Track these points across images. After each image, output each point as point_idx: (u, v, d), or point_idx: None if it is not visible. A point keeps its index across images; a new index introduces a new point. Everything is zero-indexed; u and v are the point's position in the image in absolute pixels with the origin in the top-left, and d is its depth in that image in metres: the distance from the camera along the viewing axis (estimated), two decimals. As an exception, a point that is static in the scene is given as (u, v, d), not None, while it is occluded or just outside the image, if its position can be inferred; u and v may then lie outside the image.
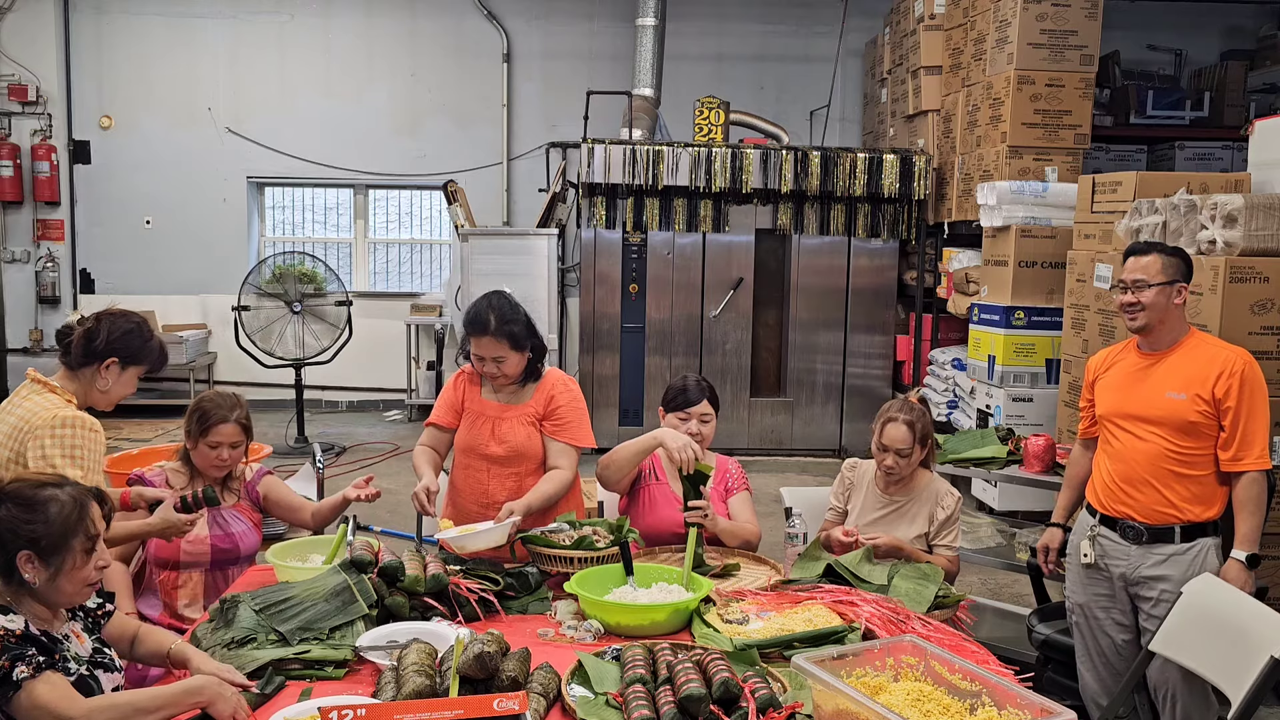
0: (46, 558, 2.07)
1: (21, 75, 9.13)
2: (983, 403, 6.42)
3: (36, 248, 9.37)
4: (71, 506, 2.10)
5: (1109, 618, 3.26)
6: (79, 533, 2.09)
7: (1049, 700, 2.04)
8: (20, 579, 2.06)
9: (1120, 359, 3.29)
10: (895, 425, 3.21)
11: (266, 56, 9.43)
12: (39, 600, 2.11)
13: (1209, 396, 3.02)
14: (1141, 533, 3.13)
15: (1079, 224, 5.45)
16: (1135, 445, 3.14)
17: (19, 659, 1.97)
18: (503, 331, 3.17)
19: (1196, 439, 3.06)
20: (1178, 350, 3.14)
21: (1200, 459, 3.07)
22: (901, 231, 7.96)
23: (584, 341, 7.99)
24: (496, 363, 3.21)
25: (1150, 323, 3.12)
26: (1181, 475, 3.08)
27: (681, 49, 9.19)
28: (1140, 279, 3.10)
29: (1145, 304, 3.09)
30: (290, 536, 3.62)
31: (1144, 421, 3.13)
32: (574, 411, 3.33)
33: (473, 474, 3.30)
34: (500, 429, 3.28)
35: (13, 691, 1.95)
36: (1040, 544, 3.50)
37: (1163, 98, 8.53)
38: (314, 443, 6.95)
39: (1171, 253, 3.15)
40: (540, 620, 2.70)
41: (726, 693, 2.04)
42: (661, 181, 7.62)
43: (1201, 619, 2.82)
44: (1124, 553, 3.17)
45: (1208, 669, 2.75)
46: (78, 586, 2.13)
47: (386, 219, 10.12)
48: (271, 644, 2.41)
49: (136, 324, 3.00)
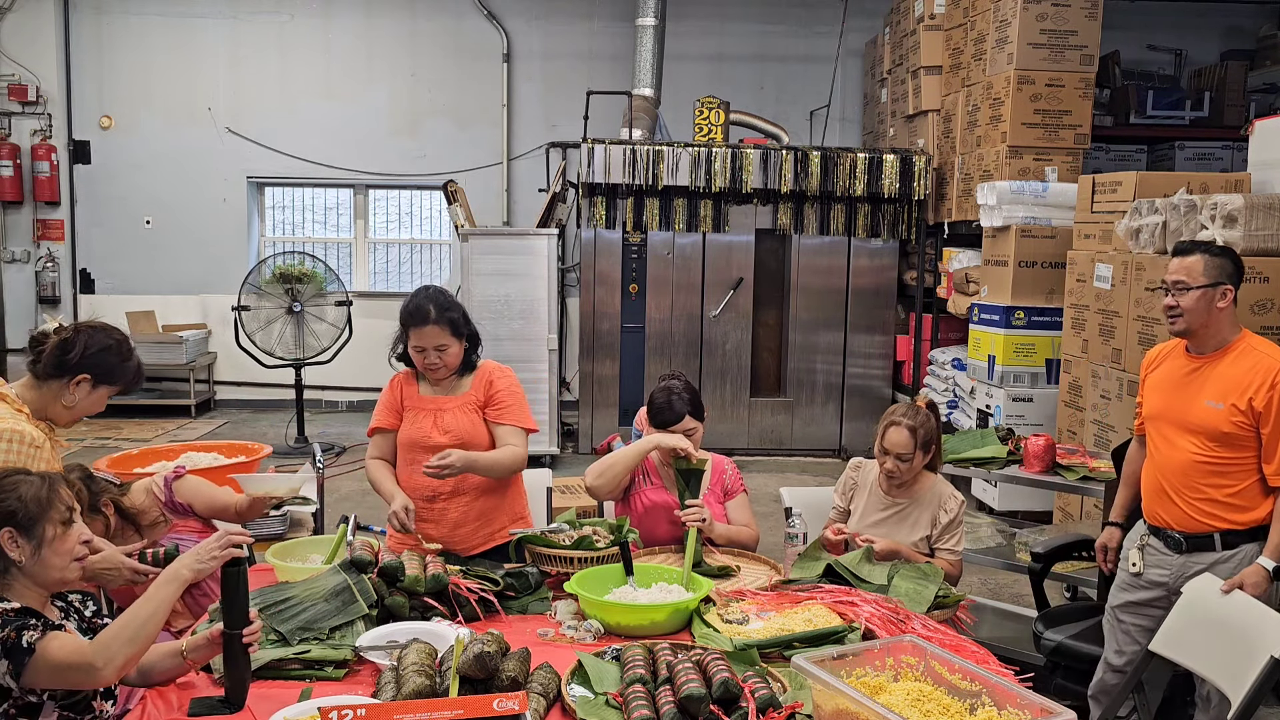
0: (26, 531, 2.12)
1: (21, 75, 9.13)
2: (983, 403, 6.43)
3: (36, 248, 9.38)
4: (41, 483, 2.17)
5: (1137, 625, 3.20)
6: (54, 504, 2.16)
7: (1049, 700, 2.04)
8: (7, 560, 2.11)
9: (1169, 359, 3.18)
10: (898, 429, 3.21)
11: (266, 56, 9.43)
12: (30, 581, 2.15)
13: (1245, 407, 2.90)
14: (1180, 542, 3.06)
15: (1079, 224, 5.46)
16: (1169, 454, 3.06)
17: (23, 627, 2.01)
18: (444, 319, 3.16)
19: (1233, 449, 2.95)
20: (1225, 356, 2.99)
21: (1237, 469, 2.96)
22: (901, 231, 7.96)
23: (584, 341, 7.99)
24: (438, 352, 3.19)
25: (1191, 327, 2.99)
26: (1216, 485, 2.98)
27: (681, 49, 9.19)
28: (1181, 281, 2.96)
29: (1185, 308, 2.96)
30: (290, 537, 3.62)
31: (1180, 429, 3.03)
32: (513, 396, 3.32)
33: (418, 468, 3.23)
34: (443, 419, 3.25)
35: (27, 657, 1.99)
36: (1099, 544, 3.41)
37: (1163, 98, 8.53)
38: (314, 443, 6.94)
39: (1218, 253, 3.00)
40: (540, 620, 2.70)
41: (726, 693, 2.04)
42: (661, 181, 7.62)
43: (1202, 619, 2.81)
44: (1168, 562, 3.10)
45: (1208, 669, 2.75)
46: (64, 560, 2.17)
47: (386, 219, 10.12)
48: (271, 644, 2.41)
49: (116, 341, 2.83)
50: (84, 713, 2.14)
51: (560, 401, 8.10)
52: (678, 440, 3.23)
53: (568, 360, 9.11)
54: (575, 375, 8.69)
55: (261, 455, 4.60)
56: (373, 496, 3.56)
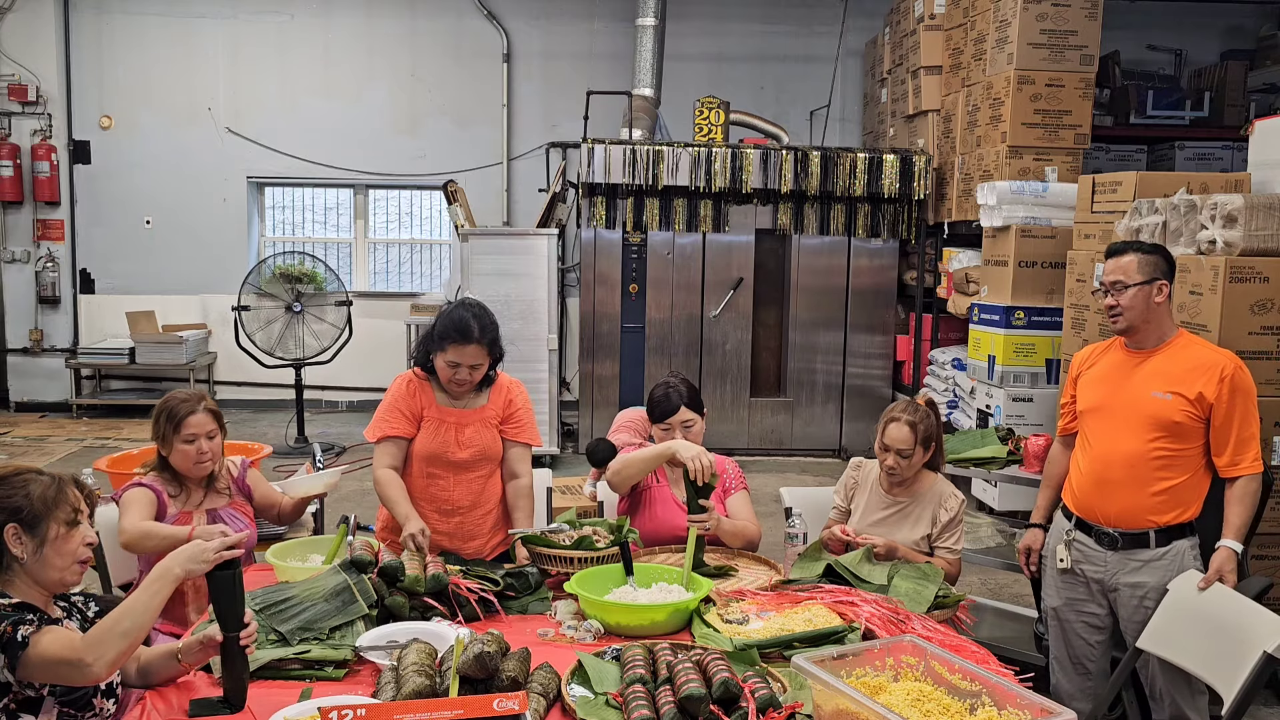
0: (30, 528, 2.13)
1: (21, 75, 9.12)
2: (983, 403, 6.43)
3: (36, 248, 9.37)
4: (50, 482, 2.18)
5: (1081, 620, 3.23)
6: (60, 504, 2.16)
7: (1049, 700, 2.04)
8: (9, 556, 2.12)
9: (1105, 355, 3.23)
10: (898, 425, 3.21)
11: (266, 56, 9.42)
12: (31, 579, 2.16)
13: (1194, 397, 2.96)
14: (1116, 539, 3.09)
15: (1079, 224, 5.45)
16: (1114, 446, 3.08)
17: (19, 622, 2.02)
18: (485, 339, 3.17)
19: (1181, 440, 2.99)
20: (1165, 350, 3.07)
21: (1182, 461, 3.01)
22: (901, 231, 7.96)
23: (584, 342, 7.99)
24: (472, 370, 3.19)
25: (1133, 323, 3.06)
26: (1160, 478, 3.02)
27: (681, 49, 9.18)
28: (1118, 280, 3.04)
29: (1124, 306, 3.03)
30: (290, 536, 3.62)
31: (1126, 422, 3.06)
32: (529, 413, 3.41)
33: (435, 481, 3.25)
34: (464, 434, 3.25)
35: (21, 650, 1.99)
36: (1021, 545, 3.45)
37: (1163, 98, 8.53)
38: (314, 443, 6.95)
39: (1149, 250, 3.08)
40: (540, 620, 2.70)
41: (726, 693, 2.04)
42: (661, 181, 7.62)
43: (1189, 616, 2.81)
44: (1100, 559, 3.13)
45: (1197, 665, 2.75)
46: (67, 561, 2.18)
47: (386, 219, 10.12)
48: (271, 644, 2.41)
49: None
50: (84, 709, 2.15)
51: (560, 401, 8.10)
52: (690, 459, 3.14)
53: (568, 360, 9.11)
54: (575, 375, 8.68)
55: (262, 455, 4.60)
56: (372, 496, 3.56)
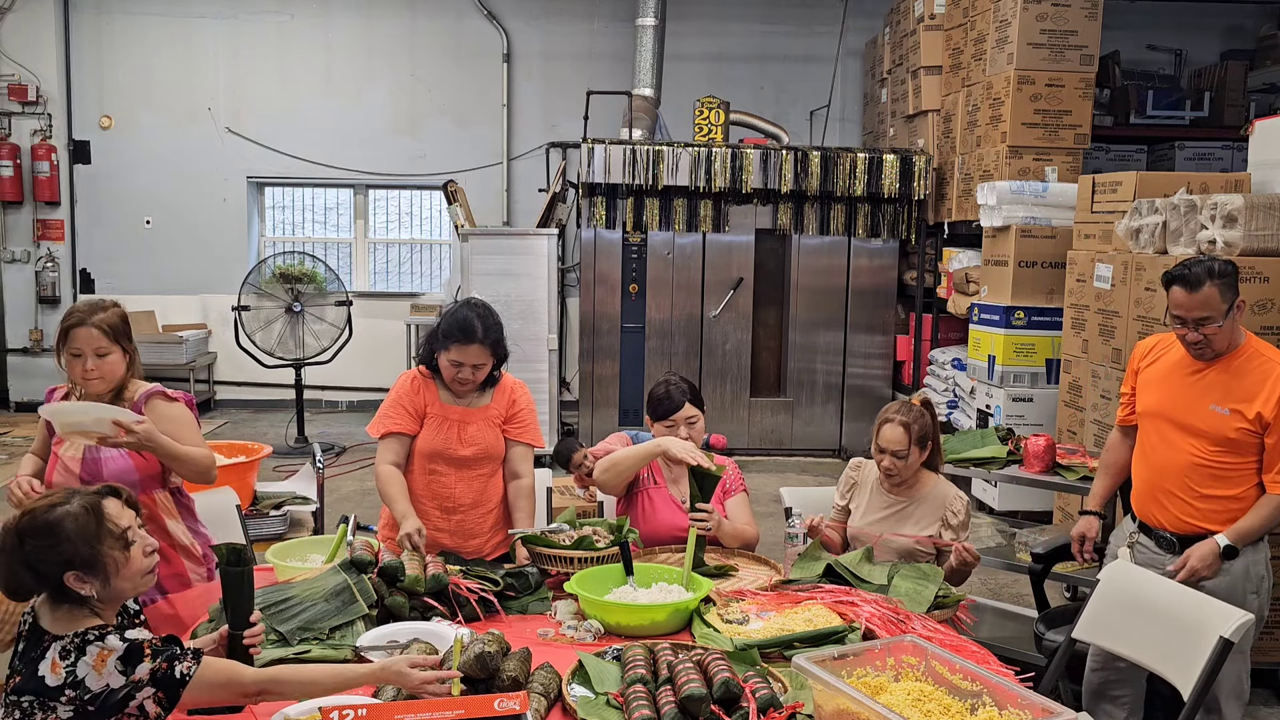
0: (89, 571, 2.03)
1: (21, 75, 9.12)
2: (983, 403, 6.43)
3: (36, 248, 9.37)
4: (85, 516, 2.04)
5: None
6: (104, 536, 2.05)
7: (1049, 700, 2.04)
8: (80, 597, 2.03)
9: (1168, 353, 3.13)
10: (891, 426, 3.22)
11: (266, 56, 9.42)
12: (114, 600, 2.10)
13: (1253, 416, 2.88)
14: (1173, 543, 3.04)
15: (1079, 224, 5.45)
16: (1168, 455, 3.02)
17: (174, 658, 1.97)
18: (489, 340, 3.18)
19: (1236, 454, 2.92)
20: (1232, 360, 2.97)
21: (1237, 475, 2.94)
22: (901, 231, 7.96)
23: (584, 342, 7.99)
24: (475, 370, 3.20)
25: (1220, 352, 2.96)
26: (1215, 489, 2.95)
27: (681, 49, 9.18)
28: (1206, 316, 2.89)
29: (1213, 338, 2.91)
30: (290, 537, 3.62)
31: (1182, 430, 2.99)
32: (532, 414, 3.41)
33: (438, 478, 3.26)
34: (467, 432, 3.26)
35: (183, 689, 1.96)
36: (1075, 532, 3.36)
37: (1163, 98, 8.52)
38: (314, 443, 6.94)
39: (1221, 274, 2.91)
40: (540, 620, 2.70)
41: (727, 693, 2.04)
42: (661, 181, 7.62)
43: (1125, 604, 2.76)
44: (1162, 562, 3.06)
45: (1145, 656, 2.70)
46: (135, 580, 2.10)
47: (386, 219, 10.12)
48: (272, 644, 2.41)
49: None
50: None
51: (560, 401, 8.10)
52: (683, 454, 3.19)
53: (568, 360, 9.11)
54: (575, 375, 8.68)
55: (261, 455, 4.60)
56: (373, 496, 3.56)
